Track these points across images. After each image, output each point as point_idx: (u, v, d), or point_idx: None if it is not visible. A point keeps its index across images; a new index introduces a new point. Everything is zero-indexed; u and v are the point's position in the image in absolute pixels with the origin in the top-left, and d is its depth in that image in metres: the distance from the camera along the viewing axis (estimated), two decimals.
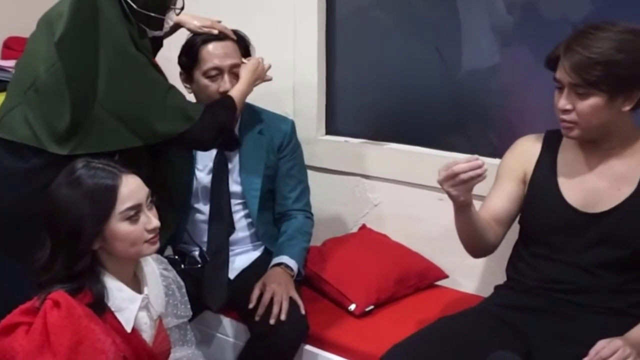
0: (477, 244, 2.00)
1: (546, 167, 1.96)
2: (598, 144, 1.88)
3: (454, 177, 1.77)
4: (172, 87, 2.05)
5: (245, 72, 2.30)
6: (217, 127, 2.10)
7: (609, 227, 1.84)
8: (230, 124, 2.20)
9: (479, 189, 2.19)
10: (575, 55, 1.74)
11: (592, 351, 1.68)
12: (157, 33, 2.08)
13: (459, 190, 1.80)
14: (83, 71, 1.89)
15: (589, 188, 1.88)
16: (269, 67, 2.39)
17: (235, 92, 2.23)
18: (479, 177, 1.76)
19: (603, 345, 1.67)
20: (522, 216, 2.02)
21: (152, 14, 2.01)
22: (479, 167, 1.75)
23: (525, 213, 2.01)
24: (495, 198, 2.03)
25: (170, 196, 2.31)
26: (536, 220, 1.97)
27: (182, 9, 2.22)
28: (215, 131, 2.10)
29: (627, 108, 1.78)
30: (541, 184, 1.96)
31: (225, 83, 2.30)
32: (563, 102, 1.80)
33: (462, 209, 1.87)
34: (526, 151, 2.02)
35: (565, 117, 1.81)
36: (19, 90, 1.97)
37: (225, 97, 2.22)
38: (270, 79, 2.40)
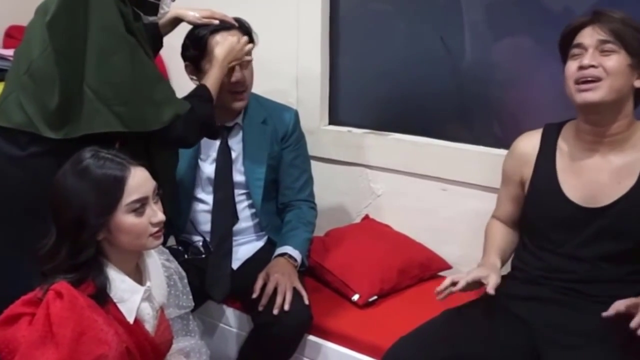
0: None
1: (546, 165, 1.97)
2: (602, 129, 1.86)
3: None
4: (163, 78, 2.03)
5: (216, 57, 2.22)
6: (199, 123, 2.06)
7: (610, 221, 1.84)
8: (210, 117, 2.13)
9: (488, 180, 2.21)
10: (610, 19, 1.80)
11: (612, 309, 1.71)
12: (153, 18, 2.05)
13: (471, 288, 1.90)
14: (72, 50, 1.86)
15: (590, 182, 1.88)
16: (246, 41, 2.29)
17: (209, 81, 2.17)
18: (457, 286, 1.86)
19: (624, 304, 1.71)
20: (524, 213, 2.04)
21: None
22: (453, 284, 1.86)
23: (527, 210, 2.02)
24: (505, 202, 2.12)
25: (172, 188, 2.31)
26: (538, 217, 1.98)
27: (174, 23, 2.24)
28: (197, 127, 2.06)
29: (639, 84, 1.82)
30: (541, 181, 1.97)
31: (237, 72, 2.30)
32: (589, 59, 1.80)
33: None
34: (522, 153, 2.04)
35: (591, 71, 1.79)
36: (15, 77, 1.96)
37: (201, 89, 2.15)
38: (250, 59, 2.33)
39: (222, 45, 2.24)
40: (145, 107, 1.92)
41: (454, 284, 1.85)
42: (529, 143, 2.02)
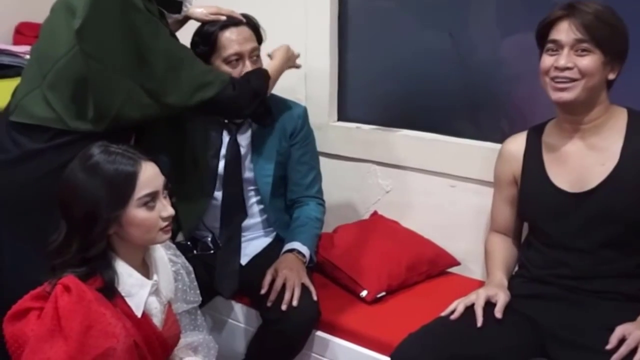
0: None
1: (533, 160, 2.01)
2: (582, 119, 1.90)
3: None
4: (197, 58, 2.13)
5: (279, 52, 2.36)
6: (251, 92, 2.15)
7: (598, 205, 1.86)
8: (263, 91, 2.22)
9: (485, 174, 2.22)
10: (584, 14, 1.81)
11: (614, 338, 1.71)
12: (176, 16, 2.09)
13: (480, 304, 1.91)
14: (105, 52, 1.90)
15: (575, 168, 1.91)
16: (299, 55, 2.45)
17: (269, 67, 2.28)
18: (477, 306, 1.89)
19: (622, 333, 1.71)
20: (519, 208, 2.07)
21: None
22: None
23: (521, 206, 2.06)
24: (501, 207, 2.15)
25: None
26: (531, 210, 2.01)
27: (182, 21, 2.27)
28: (249, 95, 2.14)
29: (612, 77, 1.86)
30: (530, 176, 2.01)
31: (247, 68, 2.30)
32: (565, 60, 1.83)
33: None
34: (510, 153, 2.09)
35: (566, 74, 1.83)
36: (37, 74, 1.98)
37: (258, 68, 2.27)
38: (299, 66, 2.46)
39: (282, 50, 2.37)
40: (195, 81, 2.02)
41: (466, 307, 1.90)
42: (515, 143, 2.08)
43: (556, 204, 1.93)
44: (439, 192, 2.59)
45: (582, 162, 1.91)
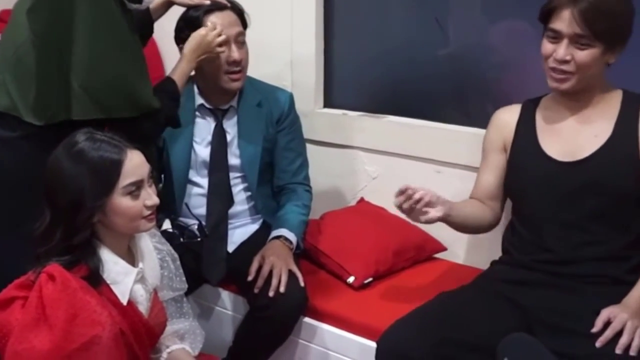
0: (477, 229, 2.12)
1: (525, 128, 2.01)
2: (579, 97, 1.92)
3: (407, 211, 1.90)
4: (146, 69, 2.00)
5: (186, 50, 2.23)
6: (165, 120, 2.08)
7: (589, 175, 1.87)
8: (174, 113, 2.13)
9: (471, 160, 2.21)
10: (584, 3, 1.78)
11: (599, 321, 1.73)
12: (137, 6, 2.02)
13: (416, 216, 1.92)
14: (54, 37, 1.84)
15: (568, 139, 1.92)
16: (220, 36, 2.26)
17: (177, 74, 2.17)
18: (421, 202, 1.89)
19: (608, 316, 1.73)
20: (507, 177, 2.06)
21: None
22: (409, 196, 1.88)
23: (509, 175, 2.05)
24: (485, 174, 2.12)
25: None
26: (520, 179, 2.01)
27: (165, 6, 2.24)
28: (161, 124, 2.08)
29: (612, 61, 1.86)
30: (521, 143, 2.01)
31: (234, 52, 2.29)
32: (563, 53, 1.83)
33: (445, 220, 1.98)
34: (503, 120, 2.09)
35: (563, 67, 1.84)
36: (2, 60, 1.94)
37: (169, 84, 2.14)
38: (221, 52, 2.29)
39: (191, 39, 2.24)
40: (128, 96, 1.90)
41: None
42: (509, 112, 2.08)
43: (545, 172, 1.93)
44: (425, 178, 2.58)
45: (575, 134, 1.92)
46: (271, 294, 2.13)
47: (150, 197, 1.68)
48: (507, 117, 2.07)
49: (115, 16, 1.89)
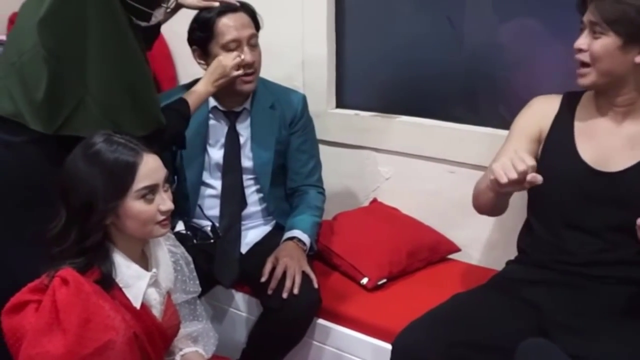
0: (496, 213, 2.08)
1: (564, 124, 1.96)
2: (611, 98, 1.87)
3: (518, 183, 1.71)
4: (155, 86, 2.01)
5: (205, 74, 2.26)
6: (169, 139, 2.09)
7: (619, 189, 1.83)
8: (181, 134, 2.16)
9: (484, 160, 2.19)
10: None
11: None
12: (143, 23, 2.02)
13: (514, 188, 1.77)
14: (66, 53, 1.82)
15: (603, 146, 1.88)
16: (237, 59, 2.26)
17: (193, 97, 2.19)
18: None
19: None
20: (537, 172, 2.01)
21: (141, 7, 1.95)
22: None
23: (539, 168, 1.99)
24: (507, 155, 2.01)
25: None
26: (549, 177, 1.94)
27: (174, 9, 2.22)
28: (166, 143, 2.09)
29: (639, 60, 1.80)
30: (558, 140, 1.96)
31: (246, 54, 2.29)
32: (580, 41, 1.82)
33: (504, 195, 1.92)
34: (543, 110, 2.02)
35: (579, 56, 1.83)
36: (6, 64, 1.92)
37: (183, 105, 2.15)
38: (238, 75, 2.28)
39: (211, 64, 2.26)
40: (139, 112, 1.91)
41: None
42: (549, 103, 2.02)
43: (577, 177, 1.89)
44: (439, 178, 2.59)
45: (611, 142, 1.88)
46: (285, 295, 2.13)
47: (164, 202, 1.67)
48: (548, 108, 2.01)
49: (126, 31, 1.89)
